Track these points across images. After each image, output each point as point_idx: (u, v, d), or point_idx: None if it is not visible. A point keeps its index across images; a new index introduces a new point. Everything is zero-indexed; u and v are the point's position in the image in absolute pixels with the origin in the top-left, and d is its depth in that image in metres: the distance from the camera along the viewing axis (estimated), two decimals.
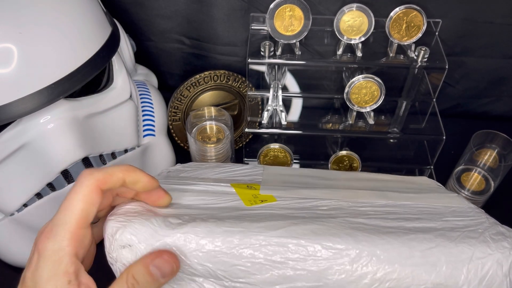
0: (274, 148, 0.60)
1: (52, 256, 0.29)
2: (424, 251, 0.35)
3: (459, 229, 0.38)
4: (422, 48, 0.56)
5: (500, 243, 0.36)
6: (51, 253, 0.29)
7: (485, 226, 0.38)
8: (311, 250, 0.34)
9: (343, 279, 0.34)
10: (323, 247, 0.34)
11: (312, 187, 0.46)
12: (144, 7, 0.64)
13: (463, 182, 0.59)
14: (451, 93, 0.71)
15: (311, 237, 0.34)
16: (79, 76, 0.44)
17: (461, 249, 0.35)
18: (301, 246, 0.34)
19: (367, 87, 0.56)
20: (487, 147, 0.58)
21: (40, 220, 0.48)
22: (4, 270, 0.54)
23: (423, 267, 0.34)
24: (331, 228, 0.35)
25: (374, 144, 0.69)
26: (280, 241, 0.34)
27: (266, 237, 0.34)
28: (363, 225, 0.37)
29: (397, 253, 0.34)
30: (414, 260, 0.34)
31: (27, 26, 0.41)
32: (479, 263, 0.35)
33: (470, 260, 0.35)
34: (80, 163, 0.45)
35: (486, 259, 0.35)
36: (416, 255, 0.34)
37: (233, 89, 0.67)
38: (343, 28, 0.56)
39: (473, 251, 0.35)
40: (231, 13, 0.63)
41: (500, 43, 0.64)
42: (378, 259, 0.34)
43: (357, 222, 0.37)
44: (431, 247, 0.35)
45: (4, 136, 0.43)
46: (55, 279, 0.29)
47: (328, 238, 0.34)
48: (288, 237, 0.34)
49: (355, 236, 0.35)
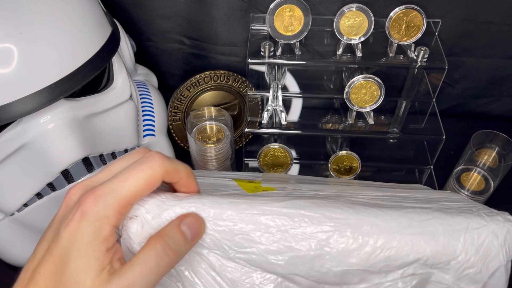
0: (274, 148, 0.60)
1: (96, 221, 0.29)
2: (422, 222, 0.36)
3: (454, 208, 0.39)
4: (422, 48, 0.56)
5: (494, 217, 0.37)
6: (97, 218, 0.29)
7: (479, 208, 0.40)
8: (313, 220, 0.35)
9: (344, 248, 0.35)
10: (325, 217, 0.35)
11: (313, 184, 0.47)
12: (144, 7, 0.64)
13: (462, 182, 0.59)
14: (451, 93, 0.71)
15: (313, 208, 0.35)
16: (79, 76, 0.44)
17: (457, 220, 0.37)
18: (303, 216, 0.35)
19: (367, 87, 0.56)
20: (487, 147, 0.58)
21: (40, 220, 0.48)
22: (4, 270, 0.54)
23: (421, 236, 0.36)
24: (332, 203, 0.37)
25: (374, 144, 0.69)
26: (283, 211, 0.35)
27: (271, 207, 0.35)
28: (363, 202, 0.38)
29: (396, 223, 0.36)
30: (413, 229, 0.36)
31: (27, 26, 0.41)
32: (475, 233, 0.36)
33: (467, 230, 0.36)
34: (80, 163, 0.45)
35: (482, 229, 0.36)
36: (415, 225, 0.36)
37: (233, 89, 0.67)
38: (343, 28, 0.56)
39: (469, 222, 0.37)
40: (231, 13, 0.63)
41: (500, 43, 0.64)
42: (379, 228, 0.35)
43: (357, 201, 0.39)
44: (429, 218, 0.37)
45: (4, 136, 0.43)
46: (95, 244, 0.28)
47: (330, 209, 0.36)
48: (291, 207, 0.35)
49: (356, 208, 0.36)
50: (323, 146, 0.67)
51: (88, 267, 0.28)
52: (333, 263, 0.35)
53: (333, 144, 0.65)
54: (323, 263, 0.35)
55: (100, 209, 0.29)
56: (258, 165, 0.61)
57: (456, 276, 0.36)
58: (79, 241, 0.28)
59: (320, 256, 0.35)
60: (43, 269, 0.29)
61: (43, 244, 0.30)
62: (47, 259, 0.29)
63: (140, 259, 0.29)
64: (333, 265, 0.35)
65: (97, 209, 0.29)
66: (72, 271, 0.28)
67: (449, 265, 0.36)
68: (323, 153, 0.67)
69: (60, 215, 0.31)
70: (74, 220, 0.29)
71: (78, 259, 0.28)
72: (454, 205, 0.40)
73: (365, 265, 0.35)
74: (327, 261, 0.35)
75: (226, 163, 0.59)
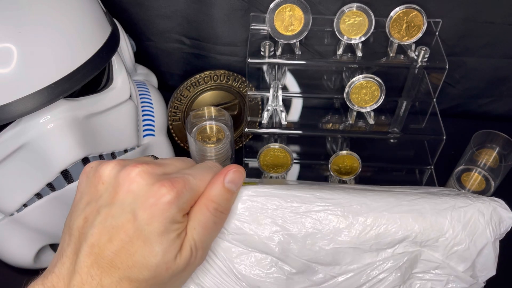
0: (274, 148, 0.59)
1: (177, 212, 0.31)
2: (410, 201, 0.38)
3: (442, 193, 0.41)
4: (422, 48, 0.56)
5: (480, 198, 0.39)
6: (177, 210, 0.31)
7: (467, 193, 0.41)
8: (304, 200, 0.36)
9: (335, 226, 0.36)
10: (316, 197, 0.37)
11: None
12: (144, 7, 0.64)
13: (463, 182, 0.59)
14: (451, 93, 0.70)
15: (304, 190, 0.37)
16: (79, 76, 0.44)
17: (444, 199, 0.38)
18: (294, 197, 0.36)
19: (367, 87, 0.56)
20: (487, 147, 0.58)
21: (40, 220, 0.48)
22: (4, 270, 0.54)
23: (409, 214, 0.37)
24: (324, 187, 0.38)
25: (374, 144, 0.69)
26: (273, 192, 0.36)
27: (262, 189, 0.36)
28: (355, 188, 0.40)
29: (385, 202, 0.37)
30: (401, 208, 0.37)
31: (27, 26, 0.41)
32: (461, 211, 0.37)
33: (453, 208, 0.38)
34: (80, 163, 0.44)
35: (468, 207, 0.38)
36: (403, 204, 0.37)
37: (233, 89, 0.67)
38: (343, 28, 0.56)
39: (455, 201, 0.38)
40: (231, 13, 0.63)
41: (500, 43, 0.64)
42: (368, 207, 0.37)
43: (349, 187, 0.41)
44: (417, 198, 0.38)
45: (4, 136, 0.43)
46: (171, 230, 0.31)
47: (321, 190, 0.37)
48: (283, 189, 0.37)
49: (346, 190, 0.38)
50: (323, 146, 0.67)
51: (165, 250, 0.30)
52: (325, 241, 0.36)
53: (333, 144, 0.65)
54: (314, 241, 0.36)
55: (182, 202, 0.31)
56: (258, 165, 0.61)
57: (445, 254, 0.37)
58: (158, 228, 0.30)
59: (312, 234, 0.36)
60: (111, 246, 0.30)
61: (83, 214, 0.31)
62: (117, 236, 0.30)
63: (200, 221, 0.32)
64: (324, 243, 0.36)
65: (178, 202, 0.31)
66: (148, 252, 0.30)
67: (438, 242, 0.37)
68: (323, 153, 0.67)
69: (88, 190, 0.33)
70: (157, 206, 0.30)
71: (159, 244, 0.30)
72: (443, 192, 0.42)
73: (356, 243, 0.36)
74: (319, 240, 0.36)
75: (226, 163, 0.59)
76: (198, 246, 0.32)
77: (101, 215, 0.30)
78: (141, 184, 0.30)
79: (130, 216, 0.30)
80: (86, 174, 0.33)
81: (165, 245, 0.30)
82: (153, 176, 0.31)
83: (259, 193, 0.36)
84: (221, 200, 0.33)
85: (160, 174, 0.32)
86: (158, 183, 0.30)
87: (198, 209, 0.32)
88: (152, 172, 0.31)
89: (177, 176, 0.32)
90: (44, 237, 0.50)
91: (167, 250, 0.30)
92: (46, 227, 0.49)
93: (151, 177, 0.31)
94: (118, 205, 0.30)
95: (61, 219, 0.38)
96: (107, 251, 0.30)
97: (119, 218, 0.30)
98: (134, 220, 0.30)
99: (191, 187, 0.32)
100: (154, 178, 0.31)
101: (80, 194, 0.33)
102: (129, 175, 0.31)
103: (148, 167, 0.31)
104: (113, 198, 0.31)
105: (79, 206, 0.32)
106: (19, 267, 0.52)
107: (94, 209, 0.31)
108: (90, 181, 0.32)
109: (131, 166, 0.31)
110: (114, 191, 0.31)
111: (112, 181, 0.31)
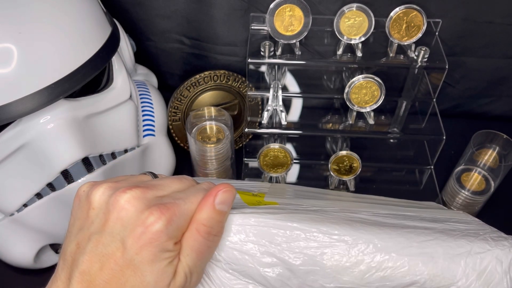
0: (274, 148, 0.59)
1: (168, 240, 0.30)
2: (421, 242, 0.35)
3: (460, 231, 0.37)
4: (422, 48, 0.56)
5: (500, 242, 0.36)
6: (168, 238, 0.30)
7: (487, 231, 0.38)
8: (307, 234, 0.34)
9: (338, 265, 0.34)
10: (320, 232, 0.34)
11: (318, 199, 0.46)
12: (144, 7, 0.64)
13: (463, 182, 0.59)
14: (451, 93, 0.71)
15: (308, 222, 0.35)
16: (79, 76, 0.44)
17: (459, 243, 0.35)
18: (297, 230, 0.34)
19: (367, 87, 0.56)
20: (487, 147, 0.57)
21: (40, 220, 0.48)
22: (4, 270, 0.54)
23: (419, 257, 0.34)
24: (330, 218, 0.36)
25: (374, 144, 0.69)
26: (276, 223, 0.34)
27: (264, 219, 0.34)
28: (363, 219, 0.37)
29: (394, 243, 0.34)
30: (411, 250, 0.34)
31: (27, 26, 0.41)
32: (477, 258, 0.34)
33: (468, 254, 0.34)
34: (80, 163, 0.44)
35: (485, 254, 0.35)
36: (414, 246, 0.34)
37: (233, 89, 0.67)
38: (343, 28, 0.56)
39: (471, 246, 0.35)
40: (231, 13, 0.63)
41: (500, 43, 0.64)
42: (375, 246, 0.34)
43: (357, 217, 0.37)
44: (429, 239, 0.35)
45: (4, 136, 0.43)
46: (161, 259, 0.30)
47: (326, 224, 0.35)
48: (286, 220, 0.34)
49: (353, 225, 0.35)
50: (323, 146, 0.67)
51: (156, 279, 0.30)
52: (326, 280, 0.34)
53: (333, 144, 0.65)
54: (316, 278, 0.34)
55: (172, 230, 0.30)
56: (258, 165, 0.61)
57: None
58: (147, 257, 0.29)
59: (313, 271, 0.34)
60: (101, 275, 0.29)
61: (74, 243, 0.31)
62: (107, 265, 0.29)
63: (193, 247, 0.32)
64: (326, 282, 0.34)
65: (168, 230, 0.30)
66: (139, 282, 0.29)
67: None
68: (323, 153, 0.67)
69: (79, 215, 0.32)
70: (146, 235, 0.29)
71: (150, 273, 0.30)
72: (461, 227, 0.39)
73: (359, 284, 0.34)
74: (320, 277, 0.34)
75: (226, 163, 0.59)
76: (193, 271, 0.32)
77: (92, 242, 0.30)
78: (130, 211, 0.30)
79: (119, 244, 0.29)
80: (78, 198, 0.33)
81: (157, 274, 0.30)
82: (143, 202, 0.30)
83: (260, 223, 0.34)
84: (213, 223, 0.32)
85: (151, 199, 0.31)
86: (147, 210, 0.30)
87: (190, 234, 0.32)
88: (142, 197, 0.30)
89: (168, 202, 0.31)
90: (44, 237, 0.50)
91: (159, 279, 0.30)
92: (46, 227, 0.49)
93: (141, 203, 0.30)
94: (108, 232, 0.30)
95: (61, 219, 0.38)
96: (98, 280, 0.29)
97: (109, 246, 0.29)
98: (124, 249, 0.29)
99: (181, 213, 0.31)
100: (143, 204, 0.30)
101: (74, 219, 0.32)
102: (118, 202, 0.30)
103: (138, 191, 0.30)
104: (103, 226, 0.30)
105: (72, 231, 0.32)
106: (19, 267, 0.52)
107: (86, 236, 0.30)
108: (82, 206, 0.32)
109: (121, 192, 0.30)
110: (104, 218, 0.30)
111: (102, 207, 0.31)
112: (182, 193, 0.32)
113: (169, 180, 0.34)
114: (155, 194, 0.31)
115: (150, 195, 0.31)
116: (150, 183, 0.32)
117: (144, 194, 0.31)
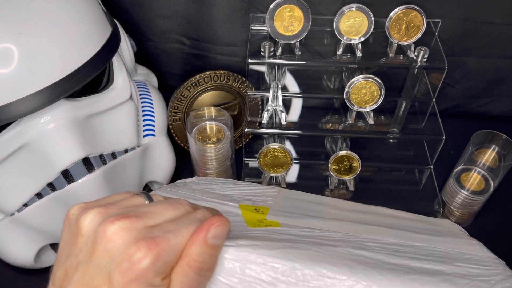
0: (274, 148, 0.60)
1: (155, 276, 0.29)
2: None
3: (470, 277, 0.35)
4: (422, 48, 0.56)
5: None
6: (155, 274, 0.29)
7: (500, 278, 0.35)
8: (303, 274, 0.32)
9: None
10: (316, 273, 0.32)
11: (323, 217, 0.45)
12: (144, 7, 0.64)
13: (462, 182, 0.59)
14: (451, 93, 0.71)
15: (306, 261, 0.32)
16: (79, 76, 0.44)
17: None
18: (293, 269, 0.32)
19: (367, 87, 0.56)
20: (487, 147, 0.58)
21: (40, 220, 0.48)
22: (4, 270, 0.54)
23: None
24: (328, 257, 0.34)
25: (374, 144, 0.69)
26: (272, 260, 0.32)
27: (259, 255, 0.32)
28: (365, 258, 0.35)
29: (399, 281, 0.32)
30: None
31: (28, 26, 0.41)
32: None
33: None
34: (80, 163, 0.45)
35: None
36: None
37: (233, 89, 0.67)
38: (343, 28, 0.56)
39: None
40: (231, 13, 0.63)
41: (500, 43, 0.64)
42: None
43: (358, 254, 0.35)
44: None
45: (4, 136, 0.43)
46: None
47: (323, 265, 0.32)
48: (282, 258, 0.32)
49: (352, 267, 0.33)
50: (323, 146, 0.67)
51: None
52: None
53: (333, 144, 0.65)
54: None
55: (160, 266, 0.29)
56: (258, 165, 0.61)
57: None
58: None
59: None
60: None
61: (62, 271, 0.30)
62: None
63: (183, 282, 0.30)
64: None
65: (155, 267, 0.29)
66: None
67: None
68: (323, 153, 0.67)
69: (69, 240, 0.31)
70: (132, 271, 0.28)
71: None
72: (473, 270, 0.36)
73: None
74: None
75: (226, 163, 0.59)
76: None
77: (79, 272, 0.29)
78: (117, 244, 0.29)
79: (106, 278, 0.29)
80: (68, 221, 0.32)
81: None
82: (131, 234, 0.29)
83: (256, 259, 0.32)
84: (205, 258, 0.30)
85: (140, 229, 0.29)
86: (134, 245, 0.28)
87: (181, 269, 0.30)
88: (131, 227, 0.29)
89: (157, 236, 0.29)
90: (44, 237, 0.50)
91: None
92: (47, 226, 0.49)
93: (129, 236, 0.29)
94: (95, 264, 0.29)
95: (62, 219, 0.38)
96: None
97: (95, 278, 0.29)
98: (110, 283, 0.28)
99: (171, 248, 0.29)
100: (131, 236, 0.29)
101: (63, 243, 0.32)
102: (105, 232, 0.29)
103: (127, 222, 0.29)
104: (91, 256, 0.29)
105: (62, 256, 0.31)
106: (19, 266, 0.52)
107: (74, 263, 0.30)
108: (71, 231, 0.31)
109: (109, 223, 0.29)
110: (92, 248, 0.29)
111: (90, 235, 0.30)
112: (173, 225, 0.31)
113: (162, 206, 0.32)
114: (145, 223, 0.30)
115: (139, 225, 0.29)
116: (141, 211, 0.31)
117: (134, 224, 0.29)
